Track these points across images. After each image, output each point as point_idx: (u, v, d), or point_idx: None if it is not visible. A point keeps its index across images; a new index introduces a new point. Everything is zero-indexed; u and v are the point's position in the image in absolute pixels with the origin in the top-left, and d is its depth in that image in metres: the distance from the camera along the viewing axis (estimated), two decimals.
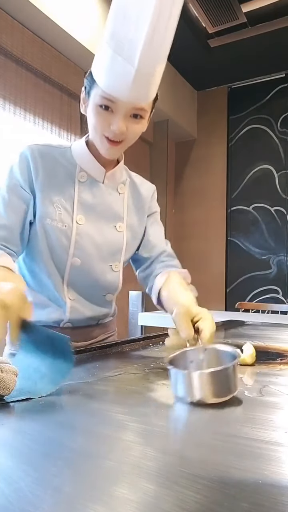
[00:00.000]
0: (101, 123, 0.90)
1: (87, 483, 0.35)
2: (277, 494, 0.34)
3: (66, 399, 0.60)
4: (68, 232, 0.97)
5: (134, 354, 1.00)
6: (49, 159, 0.99)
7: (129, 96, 0.85)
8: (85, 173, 1.01)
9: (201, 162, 4.44)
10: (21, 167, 0.96)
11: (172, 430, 0.49)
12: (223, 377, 0.58)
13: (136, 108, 0.88)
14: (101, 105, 0.88)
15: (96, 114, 0.90)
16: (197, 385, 0.57)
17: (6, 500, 0.32)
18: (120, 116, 0.88)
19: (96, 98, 0.88)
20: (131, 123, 0.90)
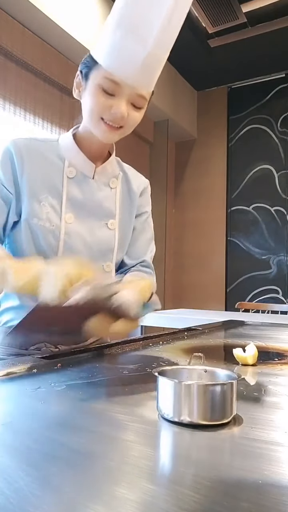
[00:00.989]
0: (100, 105, 0.86)
1: (87, 483, 0.35)
2: (277, 494, 0.34)
3: (66, 399, 0.60)
4: (56, 232, 0.92)
5: (134, 354, 1.00)
6: (35, 154, 0.93)
7: (135, 79, 0.83)
8: (73, 168, 0.96)
9: (201, 162, 4.44)
10: (4, 163, 0.91)
11: (172, 430, 0.49)
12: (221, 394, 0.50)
13: (137, 95, 0.86)
14: (103, 87, 0.84)
15: (95, 95, 0.86)
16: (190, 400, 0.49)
17: (6, 500, 0.32)
18: (123, 100, 0.85)
19: (98, 79, 0.84)
20: (132, 111, 0.88)
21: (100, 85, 0.84)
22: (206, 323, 1.66)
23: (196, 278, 4.34)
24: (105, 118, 0.87)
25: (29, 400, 0.60)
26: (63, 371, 0.77)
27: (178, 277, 4.44)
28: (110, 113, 0.86)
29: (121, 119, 0.86)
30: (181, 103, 4.18)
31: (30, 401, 0.59)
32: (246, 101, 4.22)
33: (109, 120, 0.87)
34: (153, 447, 0.44)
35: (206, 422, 0.49)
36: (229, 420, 0.51)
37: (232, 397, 0.51)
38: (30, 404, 0.58)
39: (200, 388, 0.49)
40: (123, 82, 0.83)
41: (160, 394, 0.53)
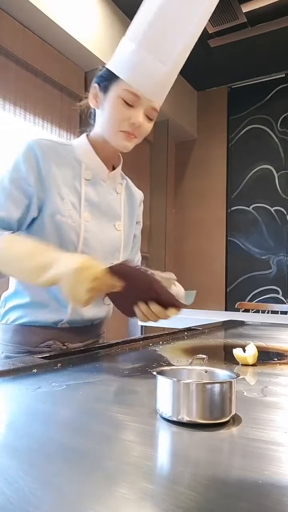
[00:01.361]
0: (120, 115, 0.94)
1: (87, 483, 0.35)
2: (277, 494, 0.34)
3: (66, 399, 0.60)
4: (77, 228, 0.97)
5: (134, 354, 1.00)
6: (57, 155, 0.98)
7: (152, 94, 0.92)
8: (90, 171, 1.02)
9: (201, 162, 4.44)
10: (28, 160, 0.94)
11: (172, 430, 0.49)
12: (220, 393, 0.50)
13: (152, 108, 0.95)
14: (124, 99, 0.92)
15: (116, 106, 0.93)
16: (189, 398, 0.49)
17: (6, 500, 0.32)
18: (141, 111, 0.94)
19: (119, 92, 0.92)
20: (145, 121, 0.96)
21: (121, 96, 0.92)
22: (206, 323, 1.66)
23: (196, 278, 4.34)
24: (124, 127, 0.95)
25: (29, 400, 0.60)
26: (63, 371, 0.77)
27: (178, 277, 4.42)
28: (130, 122, 0.94)
29: (138, 127, 0.95)
30: (181, 103, 4.19)
31: (30, 401, 0.59)
32: (246, 101, 4.22)
33: (127, 129, 0.95)
34: (153, 447, 0.44)
35: (205, 421, 0.49)
36: (228, 419, 0.51)
37: (231, 396, 0.51)
38: (30, 404, 0.58)
39: (198, 386, 0.49)
40: (142, 95, 0.92)
41: (159, 393, 0.53)
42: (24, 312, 1.00)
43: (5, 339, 1.01)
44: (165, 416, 0.51)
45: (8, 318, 1.02)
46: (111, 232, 1.05)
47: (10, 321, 1.01)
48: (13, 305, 1.01)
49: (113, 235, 1.05)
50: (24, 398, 0.61)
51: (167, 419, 0.51)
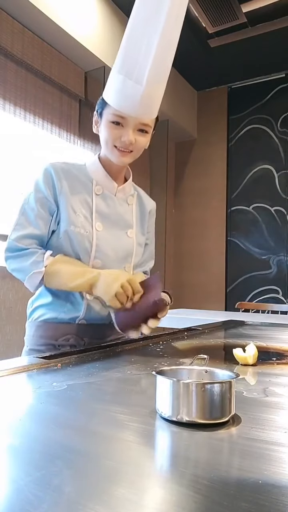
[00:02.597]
0: (112, 136, 1.05)
1: (87, 483, 0.35)
2: (277, 494, 0.34)
3: (66, 399, 0.60)
4: (90, 237, 1.09)
5: (134, 354, 1.00)
6: (69, 175, 1.12)
7: (137, 112, 1.02)
8: (100, 187, 1.14)
9: (201, 162, 4.44)
10: (47, 182, 1.08)
11: (172, 430, 0.49)
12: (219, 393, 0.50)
13: (142, 124, 1.05)
14: (113, 121, 1.04)
15: (108, 128, 1.05)
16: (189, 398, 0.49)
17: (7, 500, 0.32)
18: (129, 130, 1.04)
19: (108, 116, 1.05)
20: (138, 136, 1.06)
21: (109, 120, 1.05)
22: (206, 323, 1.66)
23: (196, 278, 4.34)
24: (118, 145, 1.06)
25: (29, 400, 0.60)
26: (63, 371, 0.77)
27: (178, 277, 4.44)
28: (121, 141, 1.05)
29: (129, 145, 1.06)
30: (181, 103, 4.18)
31: (30, 401, 0.59)
32: (246, 101, 4.21)
33: (120, 146, 1.06)
34: (153, 447, 0.44)
35: (204, 421, 0.49)
36: (227, 419, 0.51)
37: (231, 397, 0.51)
38: (30, 404, 0.58)
39: (197, 386, 0.49)
40: (128, 116, 1.02)
41: (158, 393, 0.53)
42: (46, 310, 1.12)
43: (30, 334, 1.14)
44: (165, 416, 0.51)
45: (33, 317, 1.15)
46: (123, 239, 1.16)
47: (34, 319, 1.14)
48: (37, 305, 1.15)
49: (125, 241, 1.16)
50: (24, 398, 0.61)
51: (167, 419, 0.51)
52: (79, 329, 1.11)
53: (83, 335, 1.11)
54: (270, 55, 3.71)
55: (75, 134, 3.04)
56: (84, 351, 0.94)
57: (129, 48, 1.00)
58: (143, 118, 1.04)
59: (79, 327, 1.11)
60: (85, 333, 1.11)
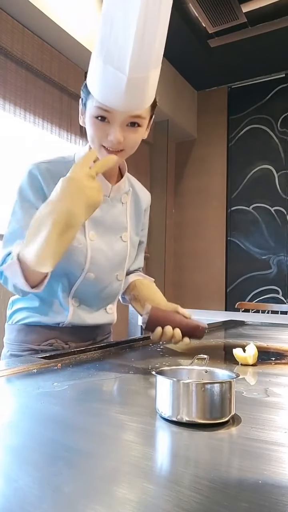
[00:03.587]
0: (98, 133, 0.89)
1: (87, 483, 0.35)
2: (277, 494, 0.34)
3: (66, 399, 0.60)
4: (84, 250, 0.97)
5: (134, 354, 1.00)
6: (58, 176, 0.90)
7: (123, 105, 0.84)
8: None
9: (201, 162, 4.44)
10: (33, 186, 0.94)
11: (172, 430, 0.49)
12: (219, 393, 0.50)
13: (132, 117, 0.87)
14: (97, 116, 0.87)
15: (92, 125, 0.89)
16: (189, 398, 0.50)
17: (6, 500, 0.32)
18: (116, 126, 0.87)
19: (91, 110, 0.87)
20: (129, 132, 0.89)
21: (93, 114, 0.87)
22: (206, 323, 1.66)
23: (196, 278, 4.34)
24: (105, 144, 0.89)
25: (29, 400, 0.60)
26: (63, 371, 0.77)
27: (178, 277, 4.44)
28: (108, 140, 0.88)
29: (118, 145, 0.88)
30: (181, 103, 4.18)
31: (30, 401, 0.59)
32: (246, 101, 4.21)
33: (108, 146, 0.89)
34: (153, 447, 0.44)
35: (204, 421, 0.49)
36: (227, 419, 0.51)
37: (231, 396, 0.51)
38: (30, 404, 0.58)
39: (197, 386, 0.49)
40: (113, 110, 0.84)
41: (158, 393, 0.53)
42: (28, 313, 1.02)
43: (10, 339, 1.05)
44: (165, 416, 0.51)
45: (14, 319, 1.05)
46: (117, 245, 1.04)
47: (15, 322, 1.04)
48: (19, 307, 1.04)
49: (119, 247, 1.05)
50: (24, 398, 0.61)
51: (167, 419, 0.51)
52: (63, 333, 1.02)
53: (67, 339, 1.03)
54: (270, 55, 3.71)
55: (75, 134, 3.04)
56: (84, 351, 0.94)
57: (106, 25, 0.79)
58: (132, 110, 0.86)
59: (63, 331, 1.02)
60: (70, 336, 1.03)
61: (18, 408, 0.57)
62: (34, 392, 0.63)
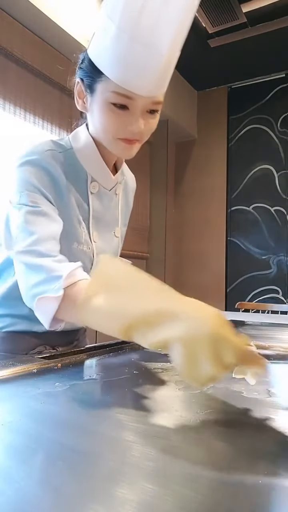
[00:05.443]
0: (116, 124, 0.76)
1: (87, 483, 0.35)
2: (278, 494, 0.34)
3: (66, 399, 0.60)
4: (90, 254, 0.88)
5: (135, 354, 0.99)
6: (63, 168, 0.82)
7: (151, 90, 0.72)
8: (96, 183, 0.88)
9: (201, 162, 4.44)
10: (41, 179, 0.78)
11: (172, 430, 0.49)
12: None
13: (154, 103, 0.76)
14: (116, 104, 0.74)
15: (108, 113, 0.76)
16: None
17: (6, 500, 0.32)
18: (139, 115, 0.75)
19: (106, 95, 0.74)
20: (148, 119, 0.78)
21: (110, 101, 0.74)
22: None
23: (196, 278, 4.33)
24: (122, 135, 0.78)
25: (29, 400, 0.60)
26: (63, 371, 0.77)
27: (178, 277, 4.44)
28: (127, 130, 0.76)
29: (138, 134, 0.78)
30: (181, 103, 4.18)
31: (30, 401, 0.59)
32: (246, 101, 4.21)
33: (126, 137, 0.78)
34: (153, 447, 0.44)
35: None
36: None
37: None
38: (30, 404, 0.58)
39: None
40: (138, 95, 0.73)
41: None
42: (15, 320, 0.93)
43: None
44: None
45: None
46: (112, 242, 0.97)
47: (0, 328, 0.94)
48: (4, 313, 0.93)
49: (114, 243, 0.98)
50: (24, 398, 0.61)
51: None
52: (50, 338, 0.95)
53: (55, 344, 0.97)
54: (270, 55, 3.71)
55: None
56: (84, 351, 0.94)
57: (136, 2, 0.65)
58: (158, 94, 0.75)
59: (51, 336, 0.94)
60: (57, 340, 0.98)
61: (18, 408, 0.57)
62: (34, 392, 0.63)
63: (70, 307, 0.66)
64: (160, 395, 0.64)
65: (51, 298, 0.67)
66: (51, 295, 0.67)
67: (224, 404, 0.58)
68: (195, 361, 0.49)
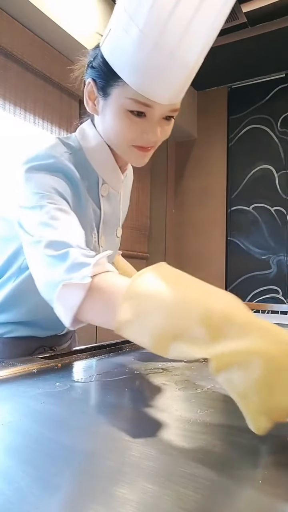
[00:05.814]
0: (131, 131, 0.73)
1: (87, 483, 0.35)
2: (278, 494, 0.34)
3: (66, 399, 0.60)
4: None
5: (135, 354, 0.99)
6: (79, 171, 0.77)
7: (171, 98, 0.70)
8: (107, 186, 0.84)
9: (201, 162, 4.44)
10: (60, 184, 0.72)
11: (172, 430, 0.49)
12: None
13: (172, 110, 0.74)
14: (133, 111, 0.70)
15: (123, 119, 0.72)
16: None
17: (6, 500, 0.32)
18: (156, 122, 0.72)
19: (124, 101, 0.70)
20: (164, 126, 0.75)
21: (129, 108, 0.70)
22: None
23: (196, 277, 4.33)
24: (137, 142, 0.75)
25: (29, 400, 0.60)
26: (63, 371, 0.77)
27: None
28: (142, 138, 0.73)
29: (154, 142, 0.75)
30: (181, 103, 4.17)
31: (30, 401, 0.59)
32: (246, 101, 4.21)
33: (141, 144, 0.75)
34: (153, 447, 0.44)
35: None
36: None
37: None
38: (30, 404, 0.58)
39: None
40: (157, 103, 0.69)
41: None
42: (15, 326, 0.91)
43: None
44: None
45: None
46: (115, 242, 0.95)
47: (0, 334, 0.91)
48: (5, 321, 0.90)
49: (116, 243, 0.96)
50: (24, 398, 0.61)
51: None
52: (49, 340, 0.97)
53: (52, 344, 0.99)
54: (270, 55, 3.71)
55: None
56: (84, 351, 0.94)
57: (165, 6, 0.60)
58: (177, 102, 0.72)
59: (50, 338, 0.97)
60: (54, 341, 0.99)
61: (18, 408, 0.57)
62: (34, 392, 0.63)
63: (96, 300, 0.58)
64: (160, 395, 0.64)
65: (77, 285, 0.57)
66: (77, 281, 0.57)
67: (224, 404, 0.58)
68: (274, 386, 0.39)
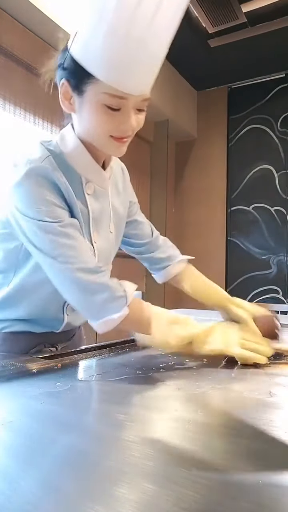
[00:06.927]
0: (108, 124, 0.77)
1: (87, 483, 0.35)
2: (278, 494, 0.34)
3: (66, 399, 0.60)
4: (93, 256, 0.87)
5: (135, 354, 0.99)
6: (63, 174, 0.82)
7: (142, 89, 0.73)
8: (91, 184, 0.88)
9: (201, 162, 4.44)
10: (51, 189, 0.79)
11: (172, 430, 0.49)
12: None
13: (144, 100, 0.76)
14: (105, 104, 0.74)
15: (101, 114, 0.76)
16: None
17: (6, 500, 0.32)
18: (131, 113, 0.76)
19: (99, 97, 0.73)
20: (138, 115, 0.79)
21: (102, 102, 0.74)
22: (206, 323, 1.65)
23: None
24: (114, 133, 0.78)
25: (29, 400, 0.60)
26: (64, 371, 0.77)
27: None
28: (119, 129, 0.77)
29: (131, 132, 0.79)
30: (181, 103, 4.18)
31: (30, 401, 0.59)
32: (246, 101, 4.21)
33: (118, 135, 0.78)
34: (153, 447, 0.44)
35: None
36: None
37: None
38: (30, 404, 0.58)
39: None
40: (130, 95, 0.73)
41: None
42: (15, 322, 0.93)
43: None
44: None
45: None
46: (109, 238, 0.96)
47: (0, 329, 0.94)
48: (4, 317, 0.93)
49: (110, 238, 0.96)
50: (24, 398, 0.61)
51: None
52: (50, 337, 0.97)
53: (54, 341, 0.99)
54: (270, 55, 3.71)
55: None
56: (84, 351, 0.94)
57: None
58: (147, 92, 0.75)
59: (49, 335, 0.96)
60: (57, 338, 0.99)
61: (18, 408, 0.57)
62: (34, 392, 0.63)
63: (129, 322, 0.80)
64: (160, 395, 0.64)
65: (116, 316, 0.77)
66: (117, 314, 0.77)
67: (224, 405, 0.58)
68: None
